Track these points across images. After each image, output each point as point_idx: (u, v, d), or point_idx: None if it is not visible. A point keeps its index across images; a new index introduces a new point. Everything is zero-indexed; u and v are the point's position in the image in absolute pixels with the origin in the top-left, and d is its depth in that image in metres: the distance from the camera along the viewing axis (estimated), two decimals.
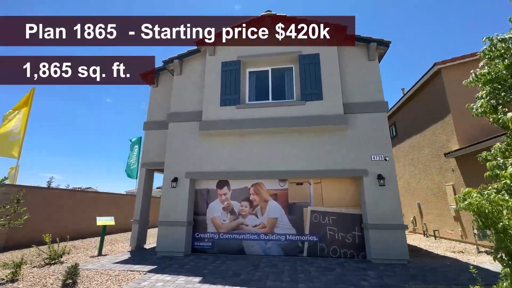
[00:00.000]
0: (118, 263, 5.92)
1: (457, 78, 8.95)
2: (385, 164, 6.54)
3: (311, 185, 7.15)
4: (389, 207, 6.25)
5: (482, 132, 8.25)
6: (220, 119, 7.32)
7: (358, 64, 7.46)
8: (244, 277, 4.81)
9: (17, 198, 4.72)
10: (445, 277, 4.77)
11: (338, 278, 4.77)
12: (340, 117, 6.76)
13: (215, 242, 7.15)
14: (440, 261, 6.17)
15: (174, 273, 5.08)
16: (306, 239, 6.79)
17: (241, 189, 7.40)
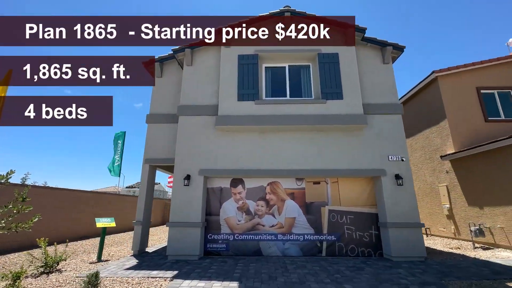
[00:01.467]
0: (130, 270, 5.30)
1: (452, 86, 9.67)
2: (401, 164, 6.74)
3: (328, 184, 7.12)
4: (407, 206, 6.44)
5: (474, 138, 8.97)
6: (238, 115, 6.98)
7: (373, 66, 7.62)
8: (284, 280, 4.57)
9: (22, 197, 3.98)
10: (470, 272, 5.00)
11: (375, 277, 4.76)
12: (361, 116, 6.83)
13: (230, 244, 6.77)
14: (451, 257, 6.50)
15: (203, 279, 4.66)
16: (325, 239, 6.73)
17: (256, 188, 7.12)
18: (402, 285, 4.32)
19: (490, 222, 7.73)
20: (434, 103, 9.98)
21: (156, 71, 8.29)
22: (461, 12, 50.80)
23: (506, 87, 9.65)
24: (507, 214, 7.21)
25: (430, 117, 10.24)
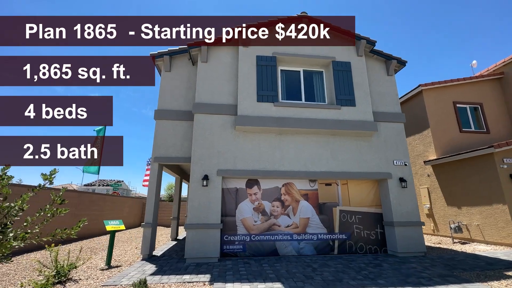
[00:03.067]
0: (155, 275, 5.00)
1: (434, 99, 10.85)
2: (404, 168, 7.42)
3: (338, 186, 7.51)
4: (409, 206, 7.11)
5: (451, 146, 10.21)
6: (257, 116, 6.99)
7: (379, 77, 8.24)
8: (321, 279, 4.75)
9: (60, 199, 3.59)
10: (470, 265, 5.74)
11: (398, 272, 5.20)
12: (372, 123, 7.34)
13: (247, 245, 6.76)
14: (443, 251, 7.35)
15: (244, 281, 4.62)
16: (336, 238, 7.10)
17: (272, 189, 7.21)
18: (425, 278, 4.81)
19: (467, 220, 8.90)
20: (419, 113, 11.07)
21: (164, 64, 7.86)
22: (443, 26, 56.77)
23: (476, 102, 11.14)
24: (483, 213, 8.38)
25: (414, 126, 11.34)
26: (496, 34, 64.72)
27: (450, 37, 62.99)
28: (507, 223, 7.64)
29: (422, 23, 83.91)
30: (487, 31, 67.80)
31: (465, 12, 60.67)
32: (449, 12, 58.47)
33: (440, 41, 66.50)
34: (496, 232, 7.93)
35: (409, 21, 78.43)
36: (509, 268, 5.42)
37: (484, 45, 68.02)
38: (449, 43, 66.36)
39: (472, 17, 66.30)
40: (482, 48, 69.14)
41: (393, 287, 4.35)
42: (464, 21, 66.30)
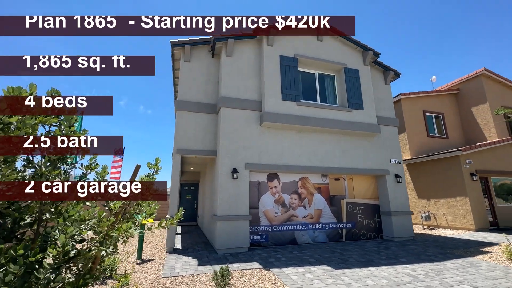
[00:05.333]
0: (205, 265, 5.10)
1: (410, 107, 12.58)
2: (399, 166, 8.64)
3: (345, 180, 8.39)
4: (402, 198, 8.35)
5: (421, 148, 12.05)
6: (282, 113, 7.36)
7: (379, 85, 9.34)
8: (355, 260, 5.46)
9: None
10: (452, 245, 7.13)
11: (407, 252, 6.22)
12: (376, 126, 8.35)
13: (269, 235, 7.15)
14: (422, 236, 8.82)
15: (292, 266, 5.05)
16: (344, 226, 7.97)
17: (290, 183, 7.71)
18: (431, 256, 5.90)
19: (435, 210, 10.73)
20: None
21: (185, 54, 7.65)
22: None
23: (438, 112, 13.27)
24: (448, 204, 10.23)
25: None
26: (452, 53, 74.91)
27: (412, 53, 72.52)
28: (467, 212, 9.52)
29: (384, 37, 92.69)
30: (446, 51, 78.14)
31: (423, 34, 68.76)
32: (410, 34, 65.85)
33: (403, 56, 75.91)
34: (458, 219, 9.80)
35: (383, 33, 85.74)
36: (481, 245, 6.92)
37: (442, 63, 79.43)
38: (412, 58, 76.10)
39: (430, 40, 75.80)
40: (441, 65, 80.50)
41: (414, 263, 5.28)
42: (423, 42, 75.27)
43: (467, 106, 13.42)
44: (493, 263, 5.28)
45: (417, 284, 4.08)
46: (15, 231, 1.76)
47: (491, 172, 10.46)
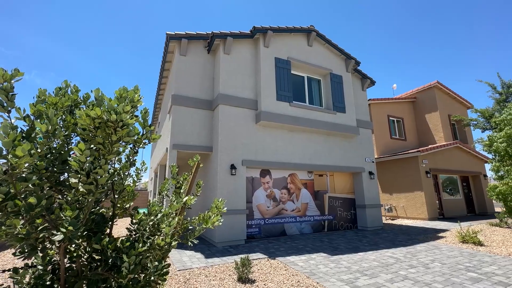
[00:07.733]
0: (213, 258, 5.29)
1: (377, 111, 14.04)
2: (372, 164, 9.74)
3: (327, 177, 9.18)
4: (374, 193, 9.46)
5: (386, 148, 13.60)
6: (277, 113, 7.76)
7: (357, 91, 10.31)
8: (344, 247, 6.17)
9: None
10: (415, 232, 8.39)
11: (383, 239, 7.19)
12: (356, 128, 9.27)
13: (262, 228, 7.56)
14: (388, 225, 10.12)
15: (293, 254, 5.53)
16: (326, 218, 8.76)
17: (280, 178, 8.19)
18: (402, 241, 6.93)
19: (396, 203, 12.28)
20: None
21: (181, 48, 7.54)
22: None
23: (399, 117, 15.05)
24: (407, 197, 11.82)
25: None
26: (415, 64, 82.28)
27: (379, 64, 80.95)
28: (422, 204, 11.15)
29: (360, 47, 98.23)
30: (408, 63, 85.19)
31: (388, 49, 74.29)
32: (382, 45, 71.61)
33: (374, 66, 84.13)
34: (415, 211, 11.42)
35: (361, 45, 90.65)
36: (437, 232, 8.29)
37: (403, 73, 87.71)
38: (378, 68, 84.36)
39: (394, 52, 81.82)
40: (401, 74, 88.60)
41: (392, 248, 6.19)
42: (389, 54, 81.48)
43: (421, 112, 15.46)
44: (450, 246, 6.46)
45: (401, 264, 4.88)
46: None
47: (440, 170, 12.35)
